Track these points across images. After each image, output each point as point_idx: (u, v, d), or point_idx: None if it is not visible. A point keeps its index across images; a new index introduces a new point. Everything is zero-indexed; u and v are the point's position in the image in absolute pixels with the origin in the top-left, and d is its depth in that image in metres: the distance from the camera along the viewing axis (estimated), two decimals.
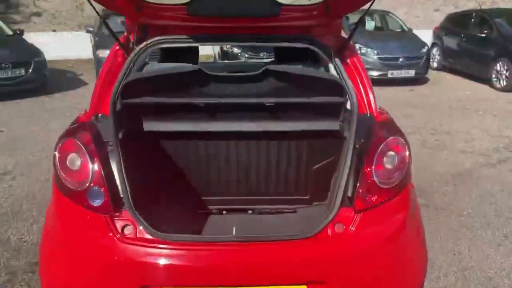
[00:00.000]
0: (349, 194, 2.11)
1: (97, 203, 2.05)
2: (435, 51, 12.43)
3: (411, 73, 10.15)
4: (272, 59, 3.84)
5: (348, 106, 2.33)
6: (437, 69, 12.23)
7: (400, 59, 10.05)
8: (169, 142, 2.63)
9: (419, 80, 10.43)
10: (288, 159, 2.70)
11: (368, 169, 2.07)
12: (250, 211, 2.72)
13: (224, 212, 2.71)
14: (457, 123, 7.01)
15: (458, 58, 11.42)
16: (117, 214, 2.06)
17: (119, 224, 2.04)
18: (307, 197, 2.88)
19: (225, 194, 2.82)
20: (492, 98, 8.96)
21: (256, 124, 2.46)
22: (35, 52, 9.19)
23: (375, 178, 2.07)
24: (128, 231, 2.03)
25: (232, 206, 2.79)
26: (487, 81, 10.07)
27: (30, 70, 8.75)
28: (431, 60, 11.57)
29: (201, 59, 3.34)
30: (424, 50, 10.54)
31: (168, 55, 3.06)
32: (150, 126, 2.46)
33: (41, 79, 9.09)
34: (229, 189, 2.80)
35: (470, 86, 10.25)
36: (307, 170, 2.73)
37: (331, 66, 2.60)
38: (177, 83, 2.37)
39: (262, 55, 8.42)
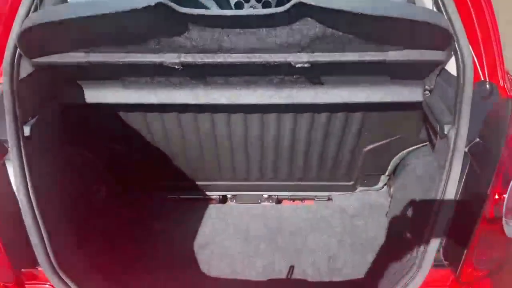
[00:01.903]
0: (449, 250, 1.38)
1: None
2: None
3: None
4: None
5: (450, 68, 1.59)
6: None
7: None
8: (135, 118, 2.02)
9: None
10: (327, 136, 2.12)
11: (493, 207, 1.25)
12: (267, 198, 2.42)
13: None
14: None
15: None
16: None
17: None
18: (351, 183, 2.50)
19: (231, 179, 2.44)
20: None
21: (277, 94, 1.78)
22: None
23: (507, 225, 1.22)
24: None
25: (243, 193, 2.46)
26: None
27: None
28: None
29: None
30: None
31: None
32: (93, 96, 1.79)
33: None
34: (237, 174, 2.42)
35: None
36: (355, 151, 2.25)
37: None
38: (129, 29, 1.54)
39: None
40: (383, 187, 2.69)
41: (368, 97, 1.86)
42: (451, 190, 1.41)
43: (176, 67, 1.61)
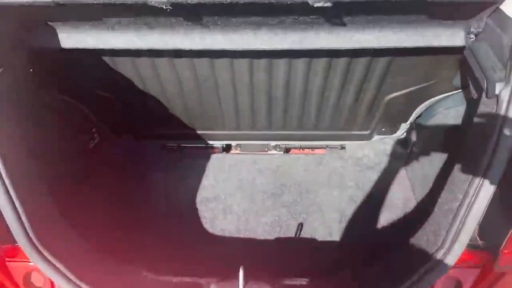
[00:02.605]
0: (487, 232, 1.21)
1: None
2: None
3: None
4: None
5: (506, 8, 1.29)
6: None
7: None
8: (122, 64, 1.79)
9: None
10: (345, 83, 1.92)
11: None
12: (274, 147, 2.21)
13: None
14: None
15: None
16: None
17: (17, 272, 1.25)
18: (367, 132, 2.32)
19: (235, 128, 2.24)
20: None
21: (289, 38, 1.51)
22: None
23: None
24: (39, 283, 1.24)
25: (249, 142, 2.28)
26: None
27: None
28: None
29: None
30: None
31: None
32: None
33: None
34: (241, 121, 2.20)
35: None
36: (376, 99, 2.03)
37: None
38: None
39: None
40: (402, 136, 2.45)
41: (399, 41, 1.54)
42: (500, 161, 1.17)
43: (164, 7, 1.29)
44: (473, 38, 1.48)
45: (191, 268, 1.86)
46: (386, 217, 2.11)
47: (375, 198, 2.21)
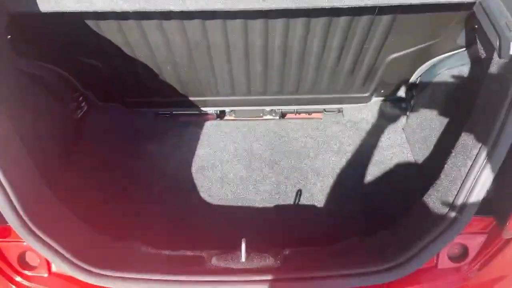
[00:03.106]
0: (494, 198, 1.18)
1: None
2: None
3: None
4: None
5: None
6: None
7: None
8: (108, 28, 1.68)
9: None
10: (345, 44, 1.84)
11: None
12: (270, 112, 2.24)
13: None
14: None
15: None
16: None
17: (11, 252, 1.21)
18: (366, 94, 2.28)
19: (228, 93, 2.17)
20: None
21: None
22: None
23: None
24: (34, 262, 1.20)
25: (243, 108, 2.26)
26: None
27: None
28: None
29: None
30: None
31: None
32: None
33: None
34: (236, 87, 2.13)
35: None
36: (377, 60, 1.97)
37: None
38: None
39: None
40: (402, 98, 2.38)
41: None
42: (510, 131, 1.12)
43: None
44: None
45: (190, 239, 1.83)
46: (387, 182, 2.08)
47: (374, 163, 2.17)
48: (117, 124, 2.34)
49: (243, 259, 1.35)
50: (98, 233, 1.48)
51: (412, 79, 2.20)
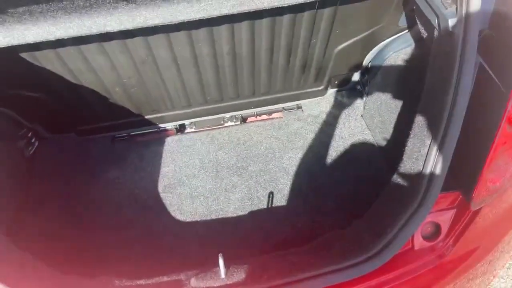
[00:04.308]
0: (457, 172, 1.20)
1: None
2: None
3: None
4: None
5: None
6: None
7: None
8: (43, 57, 1.60)
9: None
10: (292, 41, 1.84)
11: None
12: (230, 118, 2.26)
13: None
14: None
15: None
16: None
17: None
18: (321, 87, 2.32)
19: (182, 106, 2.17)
20: None
21: (225, 1, 1.39)
22: None
23: None
24: None
25: (203, 118, 2.25)
26: None
27: None
28: None
29: None
30: None
31: None
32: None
33: None
34: (190, 96, 2.10)
35: None
36: (326, 53, 1.99)
37: None
38: None
39: None
40: (356, 86, 2.42)
41: None
42: (463, 101, 1.15)
43: None
44: None
45: (166, 262, 1.76)
46: (354, 171, 2.10)
47: (339, 153, 2.19)
48: (72, 155, 2.23)
49: (222, 275, 1.31)
50: (64, 274, 1.39)
51: (362, 66, 2.23)
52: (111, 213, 2.00)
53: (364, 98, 2.35)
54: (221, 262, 1.31)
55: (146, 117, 2.22)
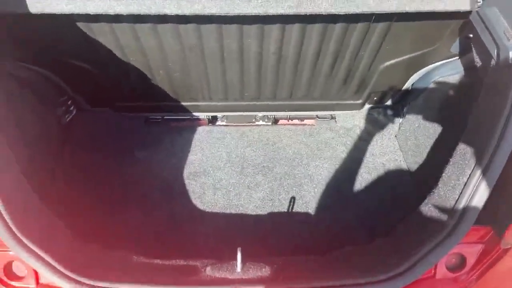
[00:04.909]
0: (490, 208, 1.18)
1: None
2: None
3: None
4: None
5: None
6: None
7: None
8: (100, 30, 1.64)
9: None
10: (340, 50, 1.84)
11: None
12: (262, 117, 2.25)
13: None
14: None
15: None
16: None
17: None
18: (359, 101, 2.29)
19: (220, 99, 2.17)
20: None
21: (283, 1, 1.43)
22: None
23: None
24: (21, 273, 1.18)
25: (236, 113, 2.25)
26: None
27: None
28: None
29: None
30: None
31: None
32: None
33: None
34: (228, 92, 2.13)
35: None
36: (371, 67, 1.97)
37: None
38: None
39: None
40: (394, 105, 2.39)
41: (400, 5, 1.44)
42: (509, 140, 1.12)
43: None
44: (480, 2, 1.40)
45: (182, 248, 1.79)
46: (380, 189, 2.07)
47: (367, 170, 2.17)
48: (106, 129, 2.29)
49: (238, 269, 1.32)
50: (87, 242, 1.43)
51: (405, 86, 2.21)
52: (136, 192, 2.04)
53: (401, 119, 2.32)
54: (239, 256, 1.32)
55: (182, 103, 2.25)
